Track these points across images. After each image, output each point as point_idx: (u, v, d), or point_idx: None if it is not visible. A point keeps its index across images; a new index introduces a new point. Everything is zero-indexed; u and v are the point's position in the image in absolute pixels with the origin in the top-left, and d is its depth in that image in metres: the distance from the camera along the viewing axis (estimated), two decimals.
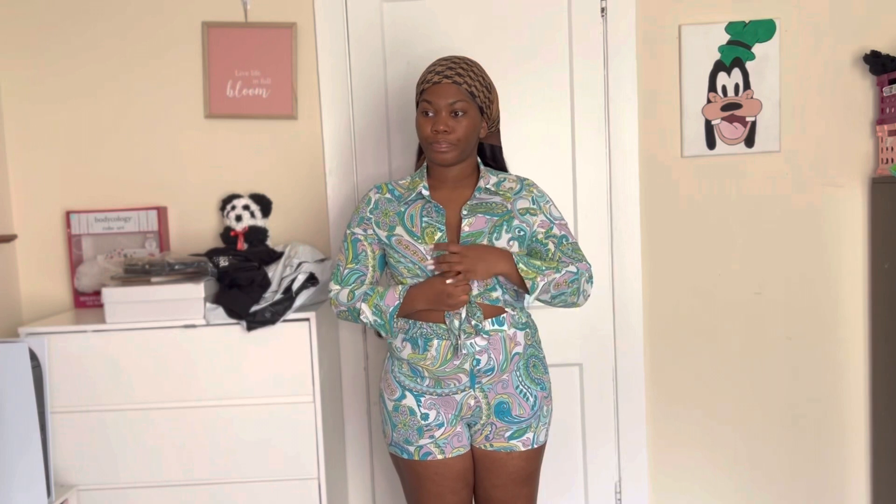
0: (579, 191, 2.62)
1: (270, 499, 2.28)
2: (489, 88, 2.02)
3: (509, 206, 2.01)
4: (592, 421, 2.70)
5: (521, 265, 1.94)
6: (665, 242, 2.65)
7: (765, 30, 2.55)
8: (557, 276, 1.96)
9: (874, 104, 2.58)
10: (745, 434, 2.70)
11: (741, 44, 2.55)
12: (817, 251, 2.64)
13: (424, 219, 2.00)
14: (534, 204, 2.04)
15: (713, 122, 2.59)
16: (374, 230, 2.05)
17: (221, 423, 2.26)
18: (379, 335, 2.61)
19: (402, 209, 2.03)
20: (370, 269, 2.06)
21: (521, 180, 2.08)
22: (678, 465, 2.72)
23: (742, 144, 2.59)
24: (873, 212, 2.59)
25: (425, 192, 2.01)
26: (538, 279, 1.94)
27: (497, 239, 1.98)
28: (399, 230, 2.00)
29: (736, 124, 2.58)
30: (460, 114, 1.96)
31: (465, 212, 2.00)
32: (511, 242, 1.99)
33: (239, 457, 2.27)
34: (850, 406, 2.68)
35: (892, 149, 2.48)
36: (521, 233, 2.01)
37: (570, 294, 1.99)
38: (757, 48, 2.55)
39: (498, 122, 2.11)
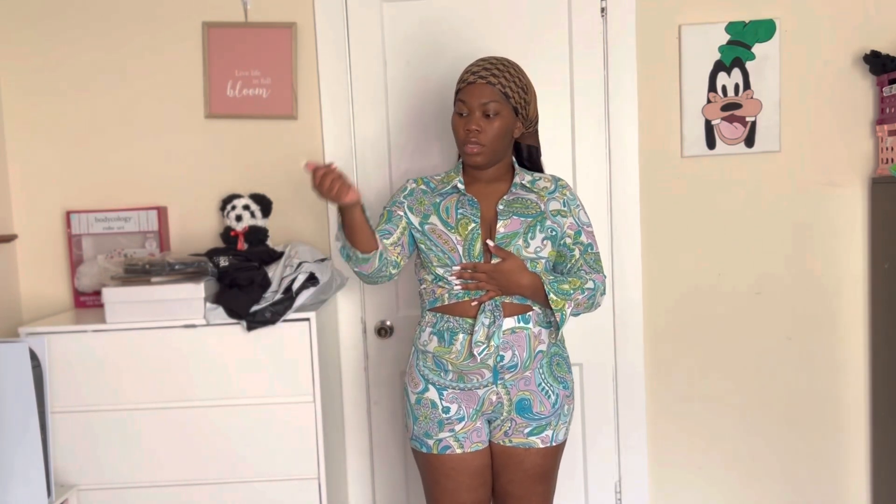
0: (579, 191, 2.62)
1: (270, 499, 2.28)
2: (525, 89, 2.04)
3: (542, 207, 2.04)
4: (592, 421, 2.70)
5: (552, 295, 1.97)
6: (665, 242, 2.65)
7: (765, 30, 2.55)
8: (581, 297, 2.02)
9: (874, 104, 2.58)
10: (745, 434, 2.70)
11: (741, 44, 2.55)
12: (817, 251, 2.64)
13: (459, 211, 2.03)
14: (565, 206, 2.08)
15: (713, 122, 2.59)
16: (405, 212, 2.09)
17: (221, 422, 2.26)
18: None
19: (438, 200, 2.07)
20: (398, 230, 2.07)
21: (555, 180, 2.12)
22: (678, 464, 2.72)
23: (742, 144, 2.59)
24: (873, 212, 2.59)
25: (461, 186, 2.06)
26: (567, 307, 1.99)
27: (532, 238, 2.00)
28: (433, 219, 2.04)
29: (736, 124, 2.58)
30: (492, 115, 1.98)
31: (501, 207, 2.02)
32: (545, 241, 2.02)
33: (239, 457, 2.27)
34: (850, 406, 2.68)
35: (892, 149, 2.48)
36: (553, 233, 2.04)
37: (584, 309, 2.07)
38: (757, 48, 2.55)
39: (536, 122, 2.14)
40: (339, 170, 1.89)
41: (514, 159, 2.13)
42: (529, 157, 2.17)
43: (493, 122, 1.99)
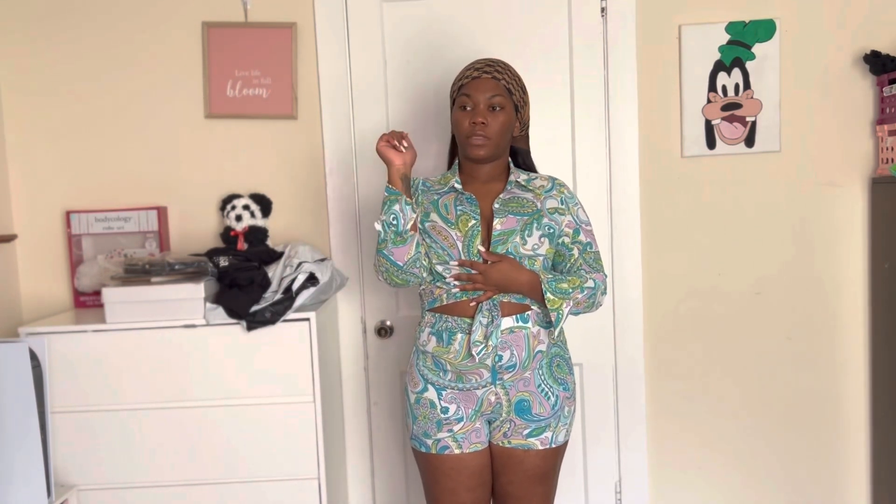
0: (579, 191, 2.62)
1: (270, 499, 2.28)
2: (523, 90, 2.09)
3: (539, 205, 2.05)
4: (592, 421, 2.70)
5: (548, 294, 1.97)
6: (665, 242, 2.65)
7: (765, 30, 2.55)
8: (581, 296, 2.01)
9: (874, 104, 2.58)
10: (745, 434, 2.70)
11: (741, 44, 2.55)
12: (817, 251, 2.64)
13: (459, 208, 2.04)
14: (563, 204, 2.08)
15: (713, 122, 2.59)
16: None
17: (221, 423, 2.26)
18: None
19: (436, 198, 2.08)
20: None
21: (552, 179, 2.12)
22: (678, 464, 2.72)
23: (742, 144, 2.59)
24: (873, 212, 2.59)
25: (458, 186, 2.07)
26: (564, 306, 1.98)
27: (529, 236, 2.01)
28: (434, 216, 2.05)
29: (736, 124, 2.58)
30: (498, 108, 2.01)
31: (496, 206, 2.03)
32: (542, 239, 2.02)
33: (239, 457, 2.27)
34: (850, 406, 2.68)
35: (892, 149, 2.48)
36: (551, 230, 2.04)
37: (584, 308, 2.06)
38: (757, 48, 2.55)
39: (528, 126, 2.16)
40: (408, 139, 2.01)
41: (510, 160, 2.14)
42: (524, 162, 2.18)
43: (498, 115, 2.01)
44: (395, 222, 1.97)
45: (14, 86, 2.61)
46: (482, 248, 1.98)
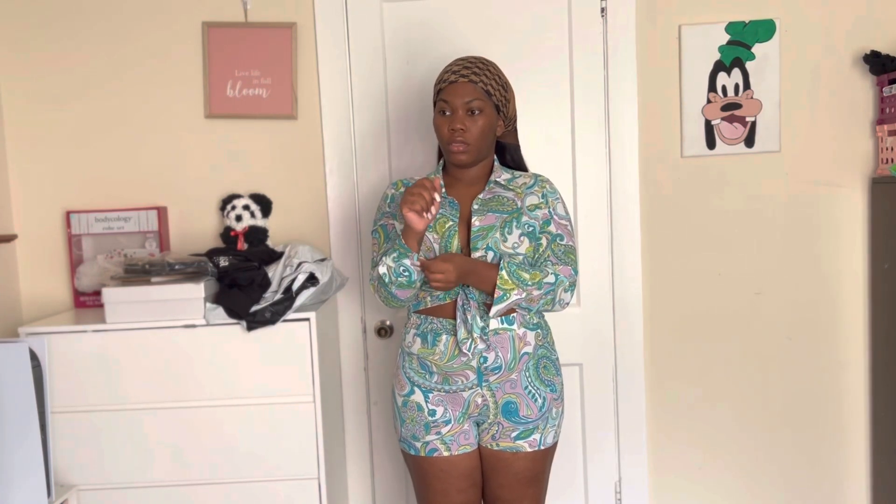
0: (579, 191, 2.62)
1: (270, 499, 2.28)
2: (505, 87, 2.06)
3: (519, 203, 2.03)
4: (592, 421, 2.70)
5: (503, 273, 1.93)
6: (665, 242, 2.65)
7: (765, 30, 2.55)
8: (536, 292, 1.97)
9: (874, 104, 2.58)
10: (744, 434, 2.70)
11: (741, 44, 2.55)
12: (817, 251, 2.64)
13: (439, 211, 2.02)
14: (542, 199, 2.06)
15: (713, 122, 2.59)
16: (393, 222, 2.08)
17: (221, 423, 2.26)
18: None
19: None
20: None
21: (535, 176, 2.11)
22: (678, 464, 2.72)
23: (742, 144, 2.59)
24: (873, 212, 2.59)
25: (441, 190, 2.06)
26: (512, 293, 1.94)
27: (509, 234, 2.00)
28: None
29: (736, 124, 2.58)
30: (476, 112, 1.99)
31: (475, 206, 2.02)
32: (522, 238, 2.01)
33: (239, 457, 2.27)
34: (850, 406, 2.68)
35: (892, 149, 2.48)
36: (531, 228, 2.03)
37: (543, 305, 2.02)
38: (757, 48, 2.55)
39: (515, 120, 2.14)
40: (437, 205, 1.91)
41: (496, 158, 2.13)
42: (512, 158, 2.17)
43: (476, 119, 1.99)
44: (406, 273, 1.95)
45: (14, 86, 2.61)
46: (423, 258, 1.95)
